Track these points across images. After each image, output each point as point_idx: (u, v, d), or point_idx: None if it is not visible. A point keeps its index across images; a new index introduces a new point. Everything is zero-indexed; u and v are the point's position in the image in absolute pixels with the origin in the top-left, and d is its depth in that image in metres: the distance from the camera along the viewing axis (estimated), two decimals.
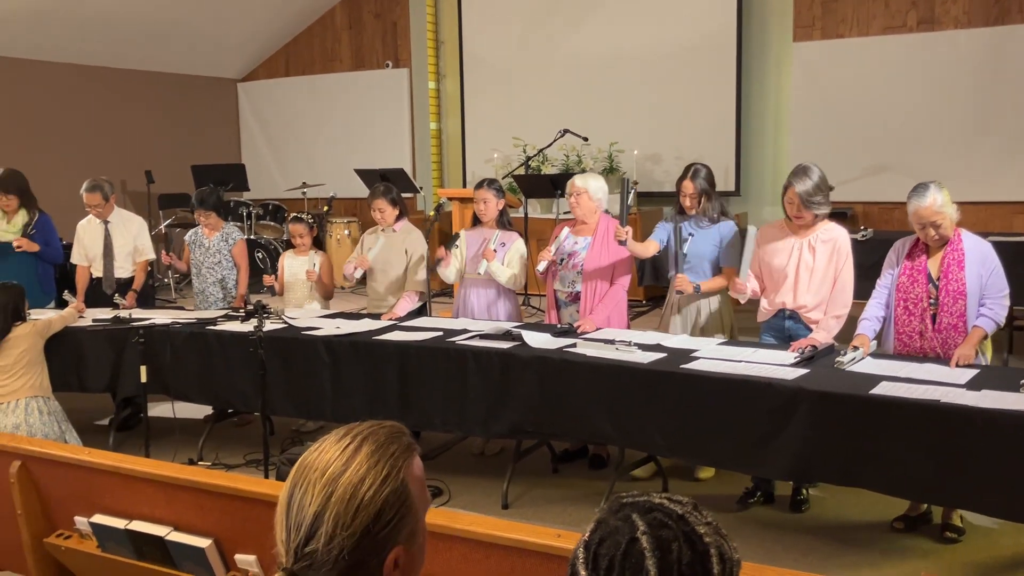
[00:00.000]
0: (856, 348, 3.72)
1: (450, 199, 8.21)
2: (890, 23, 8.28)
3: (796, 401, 3.38)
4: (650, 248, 4.54)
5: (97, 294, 5.61)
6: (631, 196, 4.45)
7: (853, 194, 8.30)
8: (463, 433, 4.57)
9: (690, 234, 4.39)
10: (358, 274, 5.10)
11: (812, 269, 4.03)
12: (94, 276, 5.65)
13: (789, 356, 3.78)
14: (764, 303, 4.21)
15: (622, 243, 4.36)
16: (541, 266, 4.58)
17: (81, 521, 2.71)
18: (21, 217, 5.57)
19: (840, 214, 7.54)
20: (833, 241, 4.04)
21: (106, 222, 5.59)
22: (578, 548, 1.12)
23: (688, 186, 4.41)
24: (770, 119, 9.02)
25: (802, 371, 3.57)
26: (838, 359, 3.66)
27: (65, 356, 4.86)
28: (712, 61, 9.03)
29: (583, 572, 1.08)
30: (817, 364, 3.68)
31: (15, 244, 5.45)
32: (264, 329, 4.32)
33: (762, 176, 9.08)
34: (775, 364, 3.68)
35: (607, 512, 1.13)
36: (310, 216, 5.49)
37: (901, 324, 3.76)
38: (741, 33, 8.90)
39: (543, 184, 8.19)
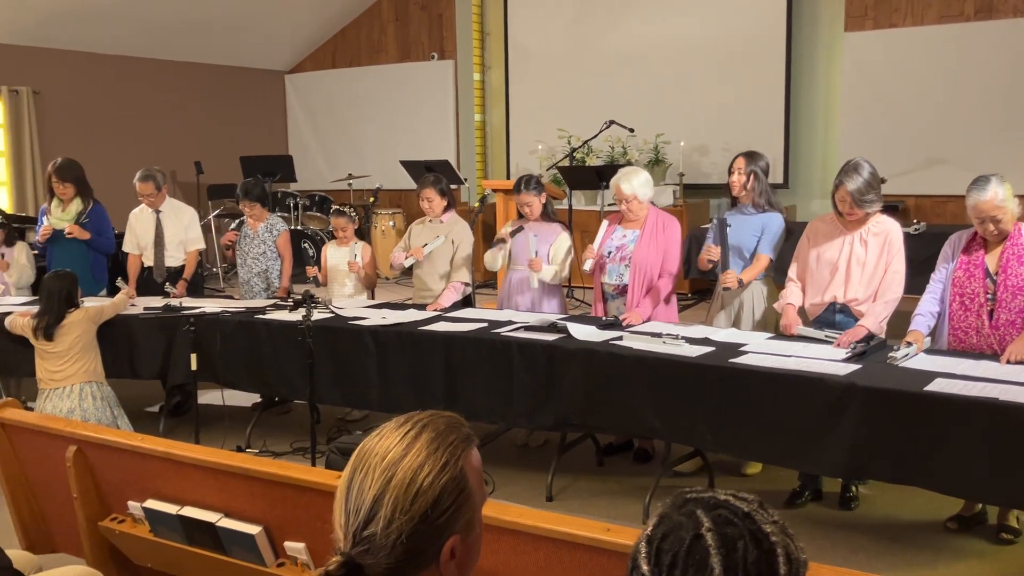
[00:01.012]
0: (909, 344, 3.64)
1: (494, 191, 8.21)
2: (946, 12, 8.08)
3: (848, 397, 3.32)
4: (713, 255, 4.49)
5: (148, 282, 5.70)
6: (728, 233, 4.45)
7: (905, 187, 8.14)
8: (508, 424, 4.57)
9: (729, 225, 4.34)
10: (408, 263, 5.12)
11: (863, 263, 3.96)
12: (145, 265, 5.74)
13: (840, 351, 3.72)
14: (809, 301, 4.13)
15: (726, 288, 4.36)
16: (587, 265, 4.55)
17: (134, 506, 2.75)
18: (76, 206, 5.67)
19: (891, 207, 7.39)
20: (885, 234, 3.96)
21: (158, 211, 5.67)
22: (640, 542, 1.10)
23: (740, 161, 4.38)
24: (820, 110, 8.87)
25: (854, 366, 3.51)
26: (891, 355, 3.58)
27: (117, 343, 4.94)
28: (761, 51, 8.90)
29: (645, 567, 1.07)
30: (869, 360, 3.61)
31: (66, 231, 5.55)
32: (312, 318, 4.35)
33: (811, 168, 8.94)
34: (826, 359, 3.62)
35: (670, 507, 1.11)
36: (351, 208, 5.51)
37: (956, 320, 3.68)
38: (791, 23, 8.76)
39: (588, 176, 8.16)
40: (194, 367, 4.69)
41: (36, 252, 6.02)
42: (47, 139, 9.35)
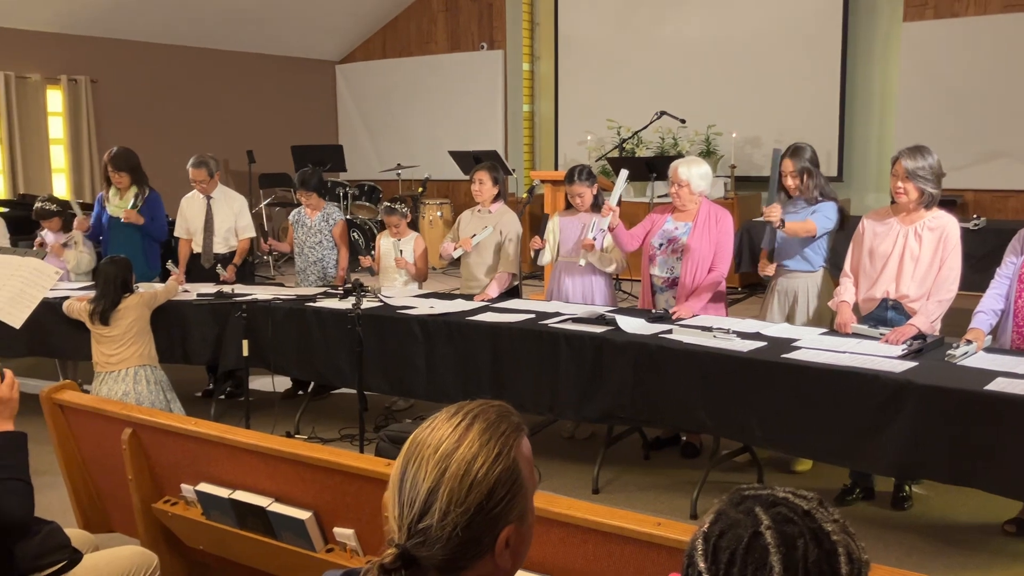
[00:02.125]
0: (969, 342, 3.55)
1: (543, 182, 8.18)
2: (1012, 0, 7.86)
3: (904, 395, 3.25)
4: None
5: (196, 269, 5.79)
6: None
7: (963, 181, 7.95)
8: (554, 416, 4.55)
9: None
10: (456, 254, 5.13)
11: (917, 258, 3.85)
12: (194, 251, 5.82)
13: (896, 348, 3.64)
14: (861, 295, 4.05)
15: (777, 226, 4.19)
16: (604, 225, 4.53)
17: (187, 489, 2.79)
18: (132, 194, 5.77)
19: (949, 202, 7.23)
20: (941, 229, 3.85)
21: (209, 197, 5.75)
22: (696, 539, 1.08)
23: (788, 164, 4.29)
24: (876, 102, 8.70)
25: (911, 364, 3.43)
26: (949, 352, 3.50)
27: (171, 329, 5.02)
28: (816, 41, 8.75)
29: (702, 564, 1.05)
30: (927, 357, 3.53)
31: (123, 217, 5.65)
32: (361, 307, 4.38)
33: (866, 161, 8.77)
34: (882, 356, 3.55)
35: (727, 504, 1.10)
36: (402, 204, 5.52)
37: (1022, 317, 3.57)
38: (847, 12, 8.60)
39: (638, 167, 8.07)
40: (246, 353, 4.75)
41: (98, 238, 6.13)
42: (104, 127, 9.54)
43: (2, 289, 4.35)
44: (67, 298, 4.86)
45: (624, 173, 4.63)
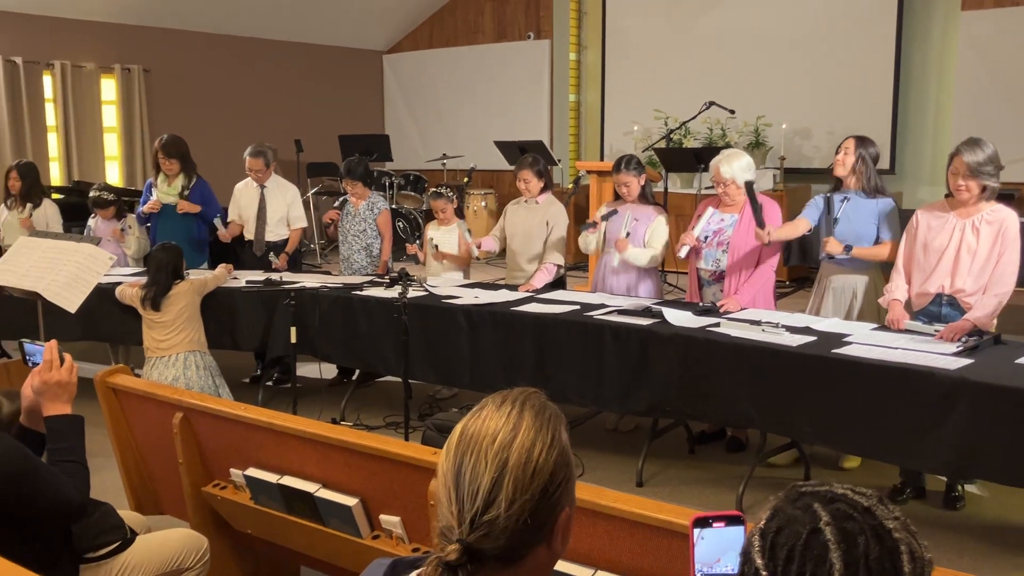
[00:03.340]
0: None
1: (588, 172, 8.14)
2: None
3: (958, 392, 3.18)
4: (800, 227, 4.35)
5: (246, 256, 5.86)
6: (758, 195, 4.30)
7: (1021, 174, 7.73)
8: (599, 408, 4.54)
9: (845, 198, 4.21)
10: (485, 245, 5.12)
11: (975, 252, 3.76)
12: (245, 238, 5.90)
13: (951, 345, 3.56)
14: (914, 290, 3.96)
15: (767, 245, 4.26)
16: (683, 252, 4.44)
17: (236, 473, 2.83)
18: (180, 181, 5.86)
19: (1007, 195, 7.03)
20: (999, 223, 3.75)
21: (262, 186, 5.82)
22: (752, 536, 1.07)
23: (849, 142, 4.24)
24: (931, 94, 8.50)
25: (966, 361, 3.36)
26: None
27: (220, 315, 5.09)
28: (871, 31, 8.57)
29: (759, 560, 1.04)
30: (983, 354, 3.44)
31: (178, 208, 5.75)
32: (407, 296, 4.39)
33: (920, 154, 8.58)
34: (936, 352, 3.47)
35: (784, 500, 1.08)
36: (449, 189, 5.52)
37: None
38: (903, 0, 8.40)
39: (685, 158, 8.01)
40: (294, 340, 4.80)
41: (148, 224, 6.24)
42: (156, 116, 9.69)
43: (58, 274, 4.45)
44: (120, 284, 4.95)
45: (711, 211, 4.58)
